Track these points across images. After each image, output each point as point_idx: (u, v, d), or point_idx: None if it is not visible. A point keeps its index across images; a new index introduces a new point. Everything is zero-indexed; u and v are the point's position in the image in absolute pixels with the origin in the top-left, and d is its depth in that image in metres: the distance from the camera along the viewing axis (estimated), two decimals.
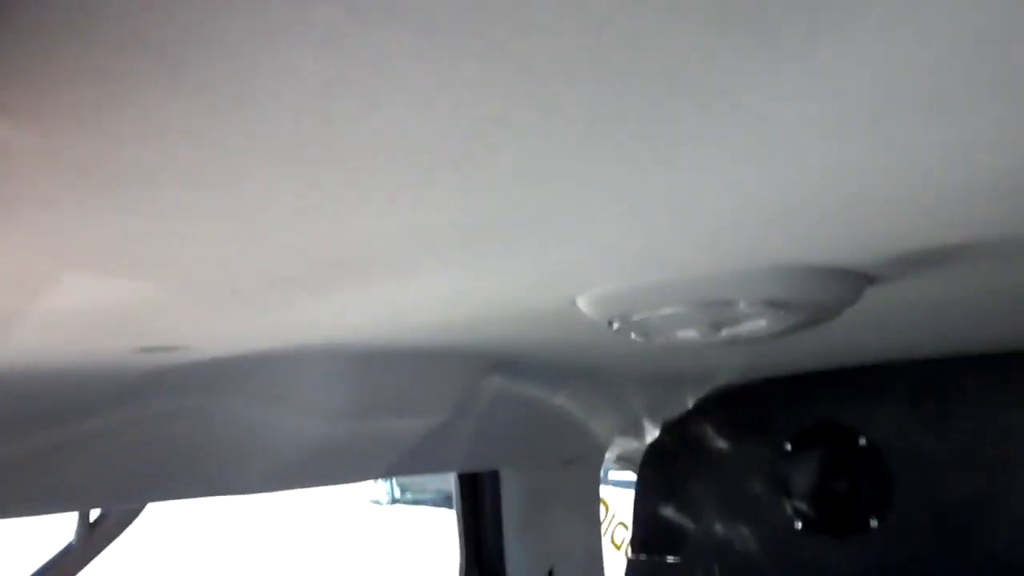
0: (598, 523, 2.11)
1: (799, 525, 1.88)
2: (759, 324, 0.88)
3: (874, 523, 1.79)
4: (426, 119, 0.43)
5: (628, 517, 2.18)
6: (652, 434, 2.04)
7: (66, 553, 1.22)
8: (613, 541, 4.33)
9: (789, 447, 1.91)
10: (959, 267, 0.85)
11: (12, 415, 1.01)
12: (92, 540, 1.21)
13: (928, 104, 0.46)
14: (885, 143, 0.52)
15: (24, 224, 0.55)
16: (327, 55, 0.37)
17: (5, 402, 0.98)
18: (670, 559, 2.03)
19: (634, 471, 2.11)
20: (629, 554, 2.10)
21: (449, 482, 2.04)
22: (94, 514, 1.27)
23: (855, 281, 0.84)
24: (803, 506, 1.88)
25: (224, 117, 0.42)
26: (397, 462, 1.48)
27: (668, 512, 2.05)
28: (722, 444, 2.00)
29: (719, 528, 1.98)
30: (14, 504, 1.09)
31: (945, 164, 0.56)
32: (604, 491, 2.20)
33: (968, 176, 0.59)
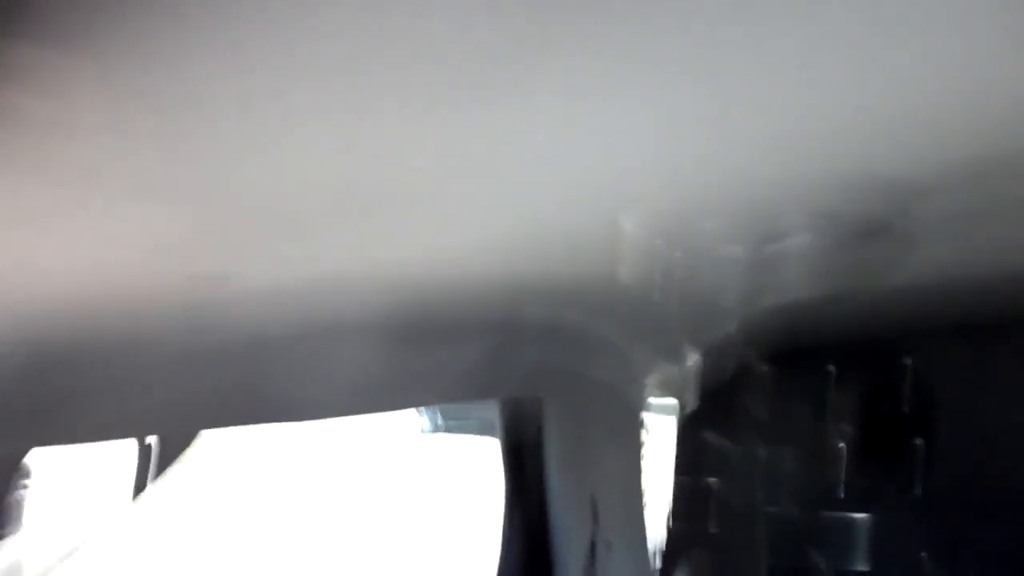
0: (640, 452, 2.13)
1: (844, 450, 1.88)
2: (804, 238, 0.87)
3: (920, 448, 1.78)
4: (462, 40, 0.43)
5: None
6: (693, 363, 2.04)
7: (129, 478, 1.27)
8: None
9: (833, 373, 1.90)
10: (1011, 180, 0.83)
11: (68, 347, 1.04)
12: (152, 465, 1.26)
13: (974, 15, 0.45)
14: (934, 48, 0.50)
15: (73, 154, 0.55)
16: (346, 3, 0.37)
17: (61, 334, 1.01)
18: (714, 483, 2.04)
19: (675, 399, 2.12)
20: (675, 479, 2.12)
21: (489, 410, 2.08)
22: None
23: (904, 193, 0.83)
24: (848, 431, 1.88)
25: (270, 43, 0.42)
26: (442, 391, 1.50)
27: (712, 438, 2.06)
28: (765, 369, 1.99)
29: (763, 454, 1.99)
30: (73, 432, 1.13)
31: (997, 74, 0.55)
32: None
33: (1013, 92, 0.58)
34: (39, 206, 0.64)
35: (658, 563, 2.09)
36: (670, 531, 2.13)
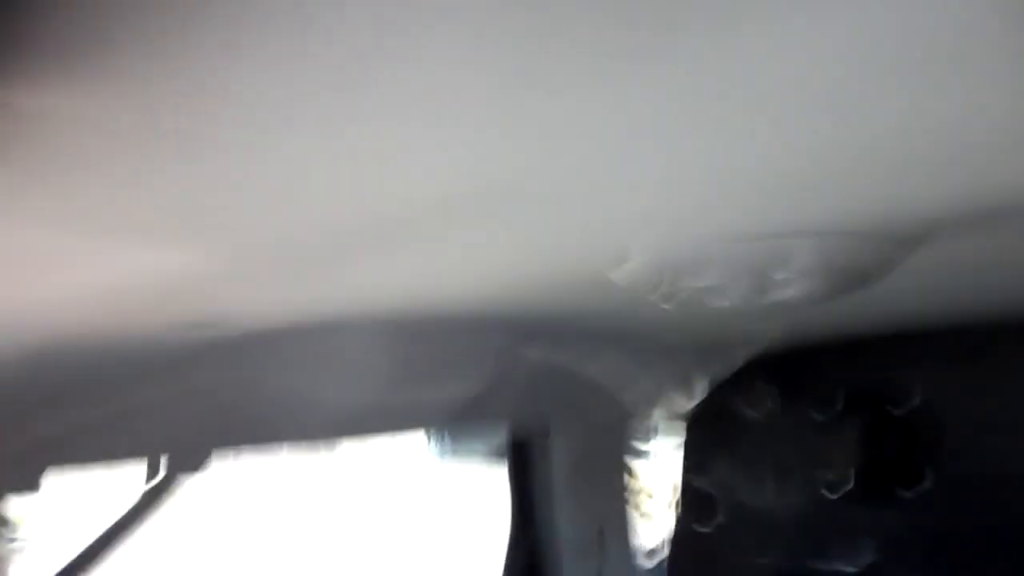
0: (628, 490, 2.11)
1: (846, 490, 1.87)
2: (803, 289, 0.87)
3: (922, 488, 1.77)
4: (470, 69, 0.43)
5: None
6: (694, 400, 2.03)
7: (128, 512, 1.27)
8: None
9: (835, 412, 1.89)
10: (1007, 228, 0.83)
11: (67, 386, 1.04)
12: (156, 492, 1.26)
13: (975, 63, 0.45)
14: (931, 103, 0.51)
15: (72, 195, 0.56)
16: (368, 18, 0.37)
17: (59, 373, 1.02)
18: (717, 523, 2.03)
19: (679, 430, 2.11)
20: (674, 519, 2.10)
21: (497, 437, 2.06)
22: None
23: (900, 243, 0.83)
24: (850, 471, 1.87)
25: (268, 82, 0.42)
26: (442, 418, 1.49)
27: (714, 477, 2.05)
28: (766, 409, 1.99)
29: (765, 493, 1.98)
30: (81, 459, 1.13)
31: (992, 124, 0.55)
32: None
33: (1017, 136, 0.58)
34: (38, 245, 0.64)
35: None
36: (674, 564, 2.11)
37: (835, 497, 1.87)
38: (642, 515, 2.09)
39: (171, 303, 0.89)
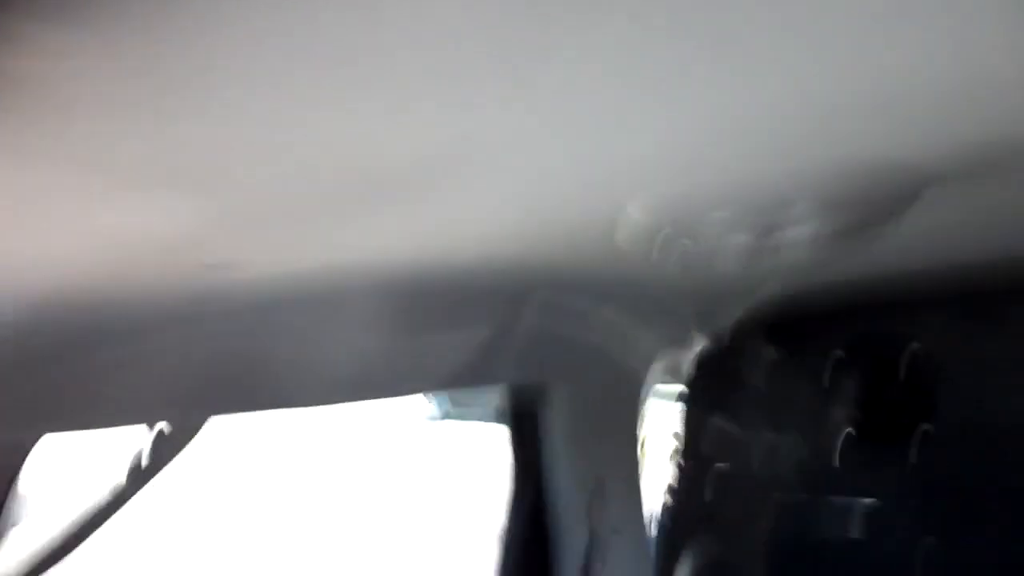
0: (629, 448, 2.13)
1: (848, 433, 1.88)
2: (811, 226, 0.87)
3: (924, 431, 1.78)
4: (471, 21, 0.43)
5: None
6: (699, 347, 2.04)
7: (135, 467, 1.28)
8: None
9: (839, 355, 1.90)
10: (1008, 175, 0.83)
11: (77, 333, 1.04)
12: (159, 453, 1.27)
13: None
14: (945, 30, 0.50)
15: (79, 138, 0.55)
16: None
17: (70, 320, 1.02)
18: (718, 466, 2.05)
19: (680, 384, 2.12)
20: (679, 463, 2.12)
21: (496, 396, 2.08)
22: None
23: (911, 179, 0.82)
24: (853, 414, 1.88)
25: (270, 30, 0.42)
26: (444, 377, 1.51)
27: (716, 422, 2.06)
28: (770, 353, 1.99)
29: (768, 437, 1.99)
30: (81, 418, 1.13)
31: (1010, 53, 0.54)
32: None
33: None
34: (41, 191, 0.64)
35: (661, 548, 2.09)
36: (673, 516, 2.14)
37: (836, 449, 1.88)
38: (643, 472, 2.11)
39: (172, 255, 0.89)
